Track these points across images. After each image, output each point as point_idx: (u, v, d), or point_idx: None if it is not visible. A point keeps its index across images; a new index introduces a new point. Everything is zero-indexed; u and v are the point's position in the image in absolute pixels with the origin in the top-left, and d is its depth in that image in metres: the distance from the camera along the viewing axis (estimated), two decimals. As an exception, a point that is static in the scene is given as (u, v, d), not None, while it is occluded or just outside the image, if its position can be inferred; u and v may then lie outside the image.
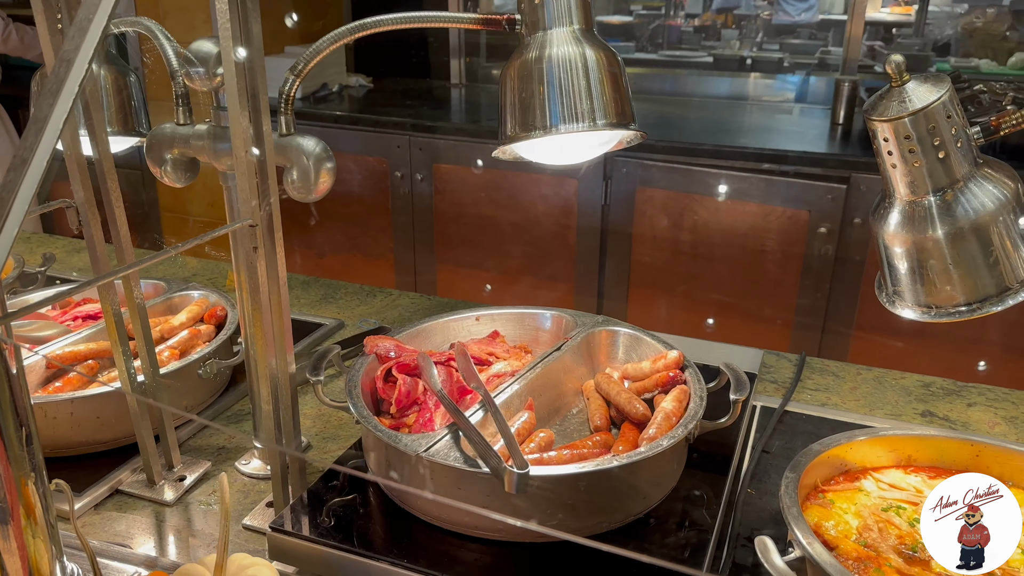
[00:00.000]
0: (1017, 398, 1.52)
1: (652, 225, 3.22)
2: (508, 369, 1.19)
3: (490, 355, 1.26)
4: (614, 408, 1.19)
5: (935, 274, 0.96)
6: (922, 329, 2.95)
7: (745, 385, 1.12)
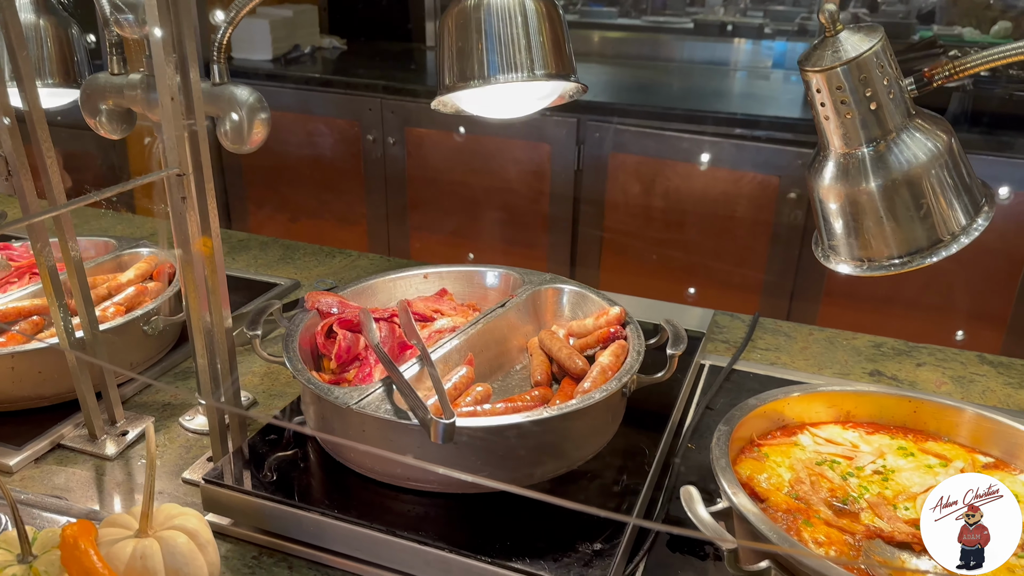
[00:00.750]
0: (966, 359, 1.53)
1: (625, 191, 3.21)
2: (451, 325, 1.19)
3: (436, 312, 1.26)
4: (556, 364, 1.19)
5: (868, 227, 0.96)
6: (890, 295, 2.97)
7: (682, 340, 1.12)
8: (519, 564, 0.90)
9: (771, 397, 1.15)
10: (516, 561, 0.90)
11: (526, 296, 1.27)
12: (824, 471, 1.07)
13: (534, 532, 0.95)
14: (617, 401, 1.08)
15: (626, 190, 3.20)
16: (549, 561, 0.90)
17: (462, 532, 0.95)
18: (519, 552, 0.91)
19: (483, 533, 0.94)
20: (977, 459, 1.11)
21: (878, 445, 1.13)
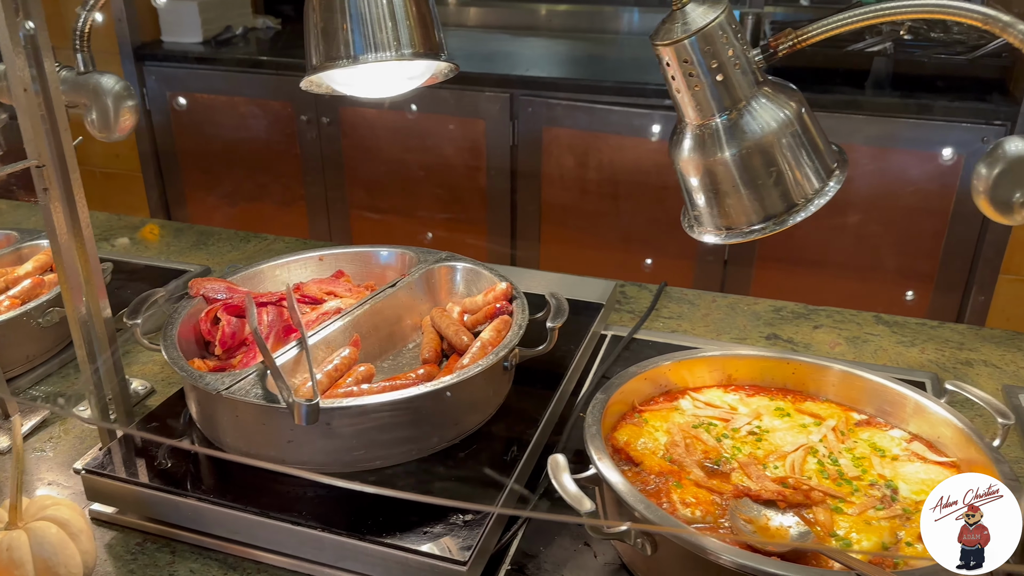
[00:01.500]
0: (862, 319, 1.58)
1: (560, 165, 3.22)
2: (339, 307, 1.20)
3: (329, 294, 1.26)
4: (446, 342, 1.20)
5: (726, 196, 0.98)
6: (820, 258, 3.03)
7: (563, 313, 1.14)
8: (389, 539, 0.92)
9: (651, 364, 1.18)
10: (387, 536, 0.92)
11: (419, 275, 1.28)
12: (700, 434, 1.10)
13: (409, 507, 0.96)
14: (499, 374, 1.10)
15: (561, 164, 3.21)
16: (419, 534, 0.92)
17: (337, 511, 0.96)
18: (391, 527, 0.93)
19: (358, 511, 0.96)
20: (851, 416, 1.15)
21: (756, 407, 1.17)
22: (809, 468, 1.05)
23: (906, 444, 1.09)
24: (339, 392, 1.02)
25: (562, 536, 1.02)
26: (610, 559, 0.99)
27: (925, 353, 1.46)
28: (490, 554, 0.96)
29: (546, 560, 0.99)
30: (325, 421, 0.95)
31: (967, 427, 1.03)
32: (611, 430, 1.12)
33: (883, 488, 1.00)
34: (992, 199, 0.81)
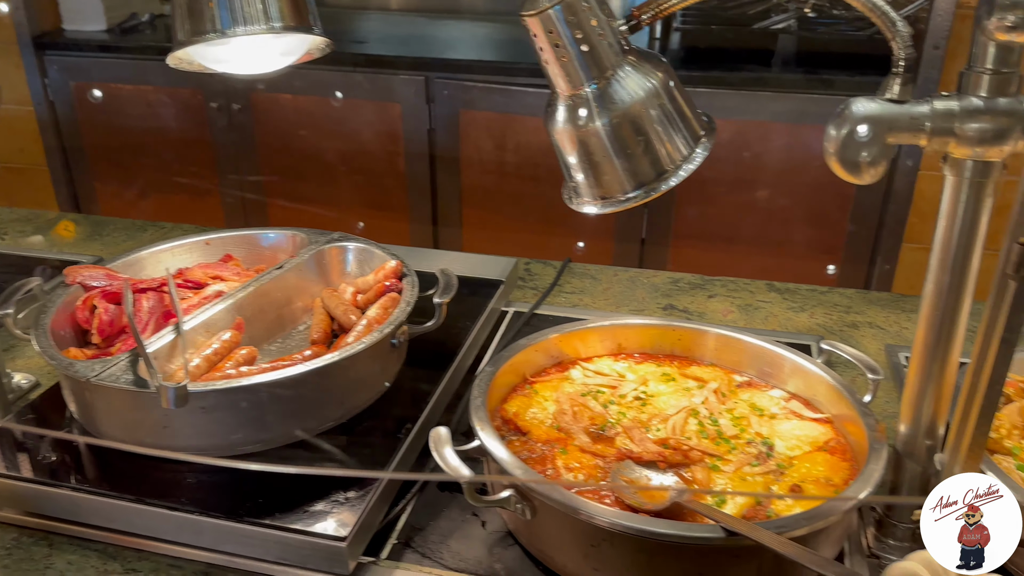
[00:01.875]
0: (755, 288, 1.62)
1: (478, 148, 3.21)
2: (220, 290, 1.17)
3: (215, 278, 1.24)
4: (336, 322, 1.19)
5: (599, 165, 0.99)
6: (732, 234, 3.10)
7: (451, 289, 1.15)
8: (268, 520, 0.91)
9: (541, 336, 1.19)
10: (266, 517, 0.91)
11: (309, 256, 1.27)
12: (587, 401, 1.12)
13: (290, 488, 0.96)
14: (386, 352, 1.10)
15: (479, 146, 3.20)
16: (299, 513, 0.92)
17: (215, 495, 0.95)
18: (271, 509, 0.92)
19: (237, 494, 0.95)
20: (733, 379, 1.18)
21: (643, 373, 1.19)
22: (690, 429, 1.07)
23: (784, 403, 1.12)
24: (217, 375, 1.00)
25: (451, 508, 1.03)
26: (497, 527, 1.00)
27: (814, 317, 1.51)
28: (375, 530, 0.96)
29: (433, 532, 0.99)
30: (199, 405, 0.93)
31: (839, 384, 1.07)
32: (502, 402, 1.13)
33: (759, 445, 1.04)
34: (841, 160, 0.84)
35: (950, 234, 0.83)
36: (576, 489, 0.95)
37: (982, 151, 0.79)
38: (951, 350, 0.87)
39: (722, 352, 1.21)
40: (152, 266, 1.27)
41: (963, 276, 0.84)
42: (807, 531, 0.82)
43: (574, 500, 0.85)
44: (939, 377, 0.89)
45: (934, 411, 0.90)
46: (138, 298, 1.14)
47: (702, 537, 0.80)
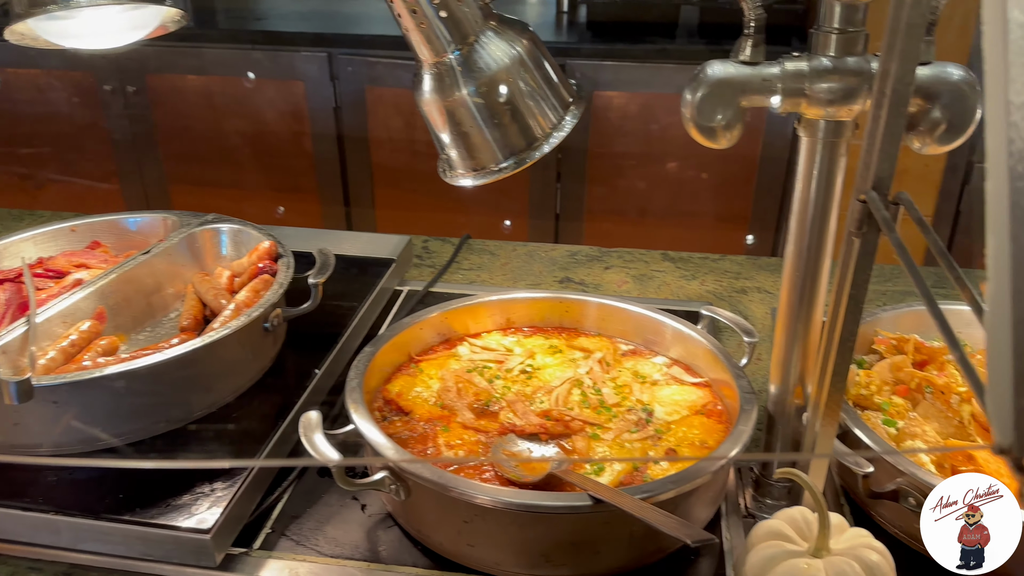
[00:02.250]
0: (650, 257, 1.63)
1: (387, 126, 3.15)
2: (79, 279, 1.11)
3: (79, 267, 1.17)
4: (209, 308, 1.14)
5: (469, 135, 0.97)
6: (644, 207, 3.12)
7: (327, 268, 1.11)
8: (129, 516, 0.87)
9: (427, 313, 1.17)
10: (127, 513, 0.87)
11: (179, 240, 1.21)
12: (472, 377, 1.11)
13: (153, 482, 0.91)
14: (258, 337, 1.06)
15: (388, 124, 3.15)
16: (162, 507, 0.88)
17: (73, 493, 0.90)
18: (132, 504, 0.88)
19: (97, 491, 0.90)
20: (618, 348, 1.18)
21: (531, 347, 1.18)
22: (573, 400, 1.07)
23: (666, 369, 1.13)
24: (73, 368, 0.95)
25: (329, 495, 1.00)
26: (377, 510, 0.98)
27: (704, 285, 1.53)
28: (245, 521, 0.93)
29: (310, 519, 0.96)
30: (50, 399, 0.88)
31: (716, 348, 1.08)
32: (385, 382, 1.10)
33: (639, 412, 1.04)
34: (697, 124, 0.83)
35: (807, 195, 0.84)
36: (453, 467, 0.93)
37: (833, 111, 0.80)
38: (814, 310, 0.89)
39: (608, 322, 1.21)
40: (12, 256, 1.20)
41: (821, 237, 0.85)
42: (675, 493, 0.82)
43: (443, 477, 0.84)
44: (804, 337, 0.90)
45: (801, 370, 0.92)
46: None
47: (569, 507, 0.80)
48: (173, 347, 0.95)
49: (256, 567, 0.89)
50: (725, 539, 0.94)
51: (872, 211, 0.66)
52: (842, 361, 0.78)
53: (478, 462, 0.93)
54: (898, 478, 0.88)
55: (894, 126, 0.68)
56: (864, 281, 0.74)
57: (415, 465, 0.85)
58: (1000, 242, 0.37)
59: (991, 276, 0.38)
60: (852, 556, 0.76)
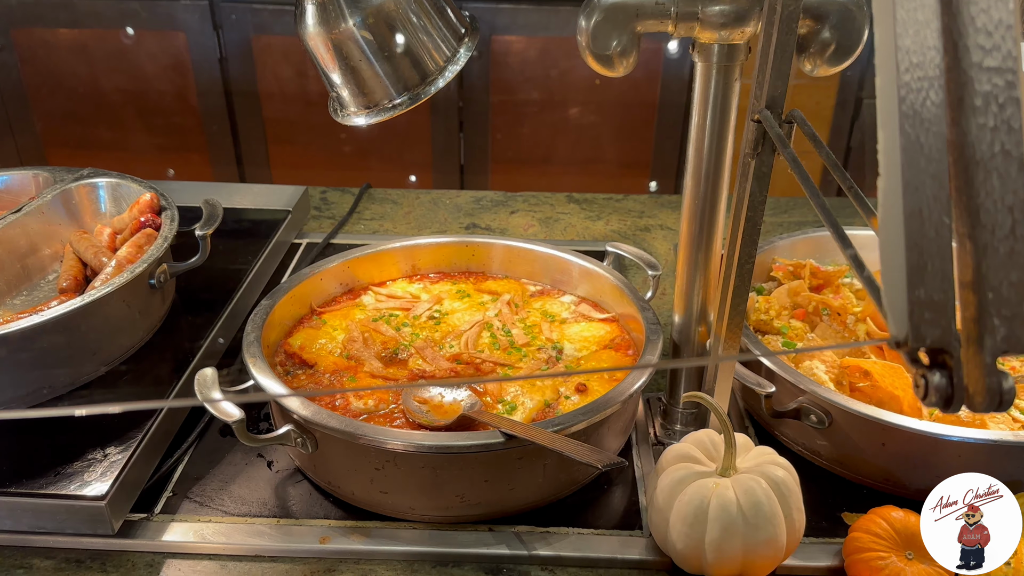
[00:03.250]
0: (556, 200, 1.62)
1: (277, 76, 3.02)
2: (-60, 240, 1.02)
3: (-60, 229, 1.07)
4: (89, 267, 1.07)
5: (359, 70, 0.93)
6: (548, 155, 3.11)
7: (215, 219, 1.06)
8: (15, 488, 0.81)
9: (328, 263, 1.13)
10: (12, 486, 0.81)
11: (52, 196, 1.12)
12: (379, 326, 1.08)
13: (40, 451, 0.86)
14: (144, 294, 1.00)
15: (278, 75, 3.01)
16: (51, 476, 0.82)
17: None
18: (18, 475, 0.82)
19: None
20: (527, 289, 1.18)
21: (438, 292, 1.16)
22: (483, 342, 1.06)
23: (574, 307, 1.13)
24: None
25: (233, 453, 0.97)
26: (285, 466, 0.95)
27: (609, 225, 1.53)
28: (144, 486, 0.88)
29: (214, 480, 0.93)
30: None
31: (621, 283, 1.08)
32: (286, 336, 1.06)
33: (549, 350, 1.04)
34: (592, 52, 0.82)
35: (703, 120, 0.84)
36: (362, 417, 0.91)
37: (726, 34, 0.79)
38: (714, 238, 0.89)
39: (515, 264, 1.19)
40: None
41: (718, 164, 0.85)
42: (586, 424, 0.82)
43: (352, 425, 0.81)
44: (704, 266, 0.91)
45: (703, 299, 0.93)
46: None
47: (481, 444, 0.79)
48: (52, 309, 0.88)
49: (158, 531, 0.85)
50: (636, 467, 0.95)
51: (767, 129, 0.66)
52: (742, 283, 0.79)
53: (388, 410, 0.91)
54: (799, 396, 0.91)
55: (785, 45, 0.68)
56: (760, 203, 0.75)
57: (323, 415, 0.82)
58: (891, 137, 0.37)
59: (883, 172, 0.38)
60: (758, 473, 0.79)
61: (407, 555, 0.84)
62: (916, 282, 0.36)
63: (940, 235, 0.36)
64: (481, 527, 0.86)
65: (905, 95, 0.37)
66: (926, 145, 0.37)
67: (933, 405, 0.36)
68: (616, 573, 0.83)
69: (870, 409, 0.85)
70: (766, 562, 0.76)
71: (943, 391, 0.36)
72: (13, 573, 0.81)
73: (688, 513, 0.77)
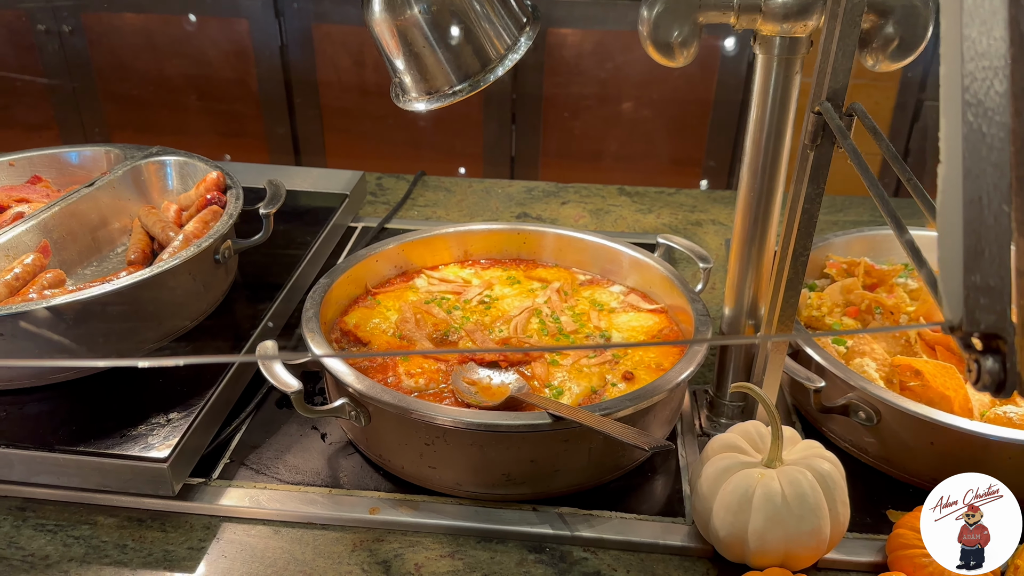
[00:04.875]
0: (607, 192, 1.63)
1: (335, 66, 3.07)
2: (21, 212, 1.07)
3: (20, 201, 1.13)
4: (156, 241, 1.11)
5: (422, 56, 0.95)
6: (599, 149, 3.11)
7: (278, 199, 1.09)
8: (83, 447, 0.85)
9: (384, 246, 1.15)
10: (81, 445, 0.85)
11: (123, 172, 1.17)
12: (431, 308, 1.10)
13: (107, 415, 0.90)
14: (209, 269, 1.04)
15: (336, 63, 3.06)
16: (116, 437, 0.86)
17: (26, 426, 0.88)
18: (86, 436, 0.86)
19: (50, 423, 0.88)
20: (576, 277, 1.19)
21: (489, 278, 1.18)
22: (532, 328, 1.07)
23: (623, 297, 1.14)
24: (18, 300, 0.92)
25: (289, 424, 1.00)
26: (337, 439, 0.98)
27: (660, 218, 1.53)
28: (203, 452, 0.92)
29: (270, 448, 0.96)
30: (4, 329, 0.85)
31: (672, 275, 1.09)
32: (342, 314, 1.09)
33: (597, 338, 1.05)
34: (654, 41, 0.83)
35: (762, 113, 0.84)
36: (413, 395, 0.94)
37: (788, 26, 0.79)
38: (768, 232, 0.90)
39: (566, 253, 1.21)
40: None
41: (775, 158, 0.85)
42: (632, 411, 0.83)
43: (404, 401, 0.84)
44: (757, 260, 0.91)
45: (754, 293, 0.93)
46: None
47: (529, 425, 0.81)
48: (121, 279, 0.92)
49: (216, 495, 0.89)
50: (681, 456, 0.96)
51: (827, 121, 0.67)
52: (795, 275, 0.80)
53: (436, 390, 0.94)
54: (848, 393, 0.90)
55: (848, 38, 0.68)
56: (818, 195, 0.75)
57: (376, 390, 0.85)
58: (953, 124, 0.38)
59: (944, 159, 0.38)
60: (804, 465, 0.79)
61: (453, 529, 0.86)
62: (972, 267, 0.36)
63: (999, 222, 0.37)
64: (525, 506, 0.88)
65: (969, 84, 0.38)
66: (988, 134, 0.37)
67: (985, 390, 0.37)
68: (657, 558, 0.84)
69: (920, 407, 0.85)
70: (808, 553, 0.77)
71: (996, 376, 0.36)
72: (79, 528, 0.86)
73: (732, 501, 0.78)
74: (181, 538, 0.85)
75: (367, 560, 0.83)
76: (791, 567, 0.77)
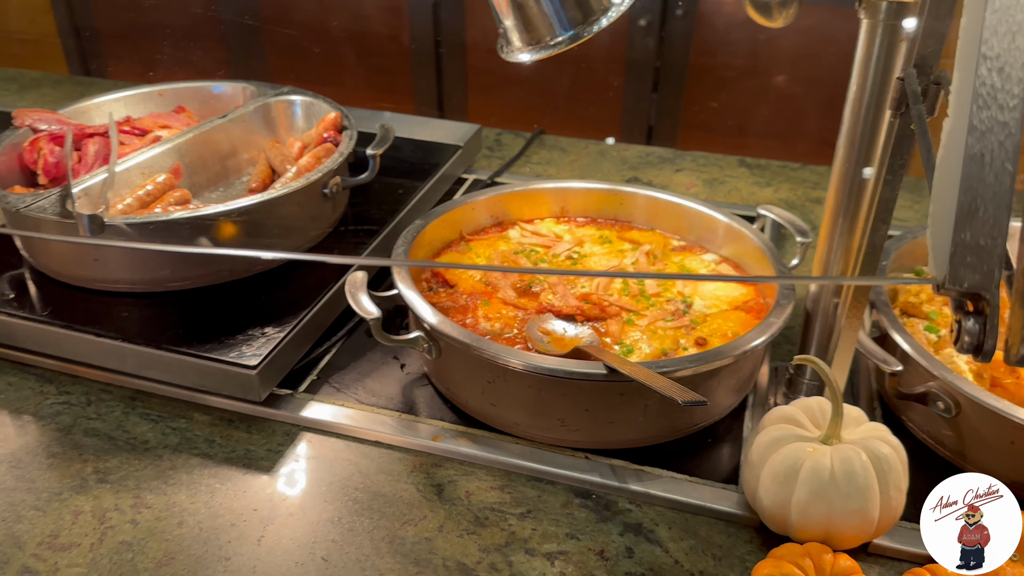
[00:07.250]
0: (726, 163, 1.59)
1: (483, 27, 3.12)
2: (159, 136, 1.19)
3: (164, 127, 1.25)
4: (276, 173, 1.20)
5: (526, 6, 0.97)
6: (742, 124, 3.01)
7: (386, 141, 1.15)
8: (186, 348, 0.95)
9: (482, 195, 1.19)
10: (184, 346, 0.95)
11: (254, 108, 1.27)
12: (519, 259, 1.13)
13: (212, 324, 0.99)
14: (317, 201, 1.11)
15: (484, 25, 3.12)
16: (216, 343, 0.95)
17: (141, 325, 0.99)
18: (191, 339, 0.96)
19: (161, 325, 0.99)
20: (670, 242, 1.18)
21: (581, 235, 1.19)
22: (615, 287, 1.08)
23: (714, 266, 1.12)
24: (145, 212, 1.03)
25: (374, 352, 1.07)
26: (414, 370, 1.04)
27: (778, 193, 1.48)
28: (292, 366, 1.00)
29: (353, 372, 1.03)
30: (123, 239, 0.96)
31: (765, 246, 1.06)
32: (434, 256, 1.14)
33: (678, 303, 1.04)
34: (753, 2, 0.81)
35: (863, 80, 0.80)
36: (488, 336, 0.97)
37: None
38: (861, 205, 0.86)
39: (661, 216, 1.20)
40: (104, 115, 1.28)
41: (874, 127, 0.81)
42: (692, 372, 0.83)
43: (469, 337, 0.87)
44: (848, 233, 0.87)
45: (841, 269, 0.89)
46: (86, 142, 1.16)
47: (581, 373, 0.83)
48: (233, 201, 1.01)
49: (299, 406, 0.97)
50: (746, 427, 0.95)
51: (905, 87, 0.63)
52: (873, 249, 0.76)
53: (506, 329, 0.97)
54: (929, 381, 0.86)
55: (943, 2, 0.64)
56: (901, 166, 0.71)
57: (446, 324, 0.89)
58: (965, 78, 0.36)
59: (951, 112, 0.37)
60: (861, 446, 0.76)
61: (506, 465, 0.90)
62: (963, 224, 0.35)
63: (1000, 181, 0.35)
64: (578, 454, 0.90)
65: (988, 36, 0.36)
66: (1003, 90, 0.36)
67: (964, 352, 0.36)
68: (702, 520, 0.84)
69: (1003, 404, 0.79)
70: (853, 533, 0.75)
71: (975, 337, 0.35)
72: (177, 421, 0.96)
73: (779, 472, 0.76)
74: (263, 440, 0.93)
75: (423, 481, 0.88)
76: (833, 545, 0.75)
